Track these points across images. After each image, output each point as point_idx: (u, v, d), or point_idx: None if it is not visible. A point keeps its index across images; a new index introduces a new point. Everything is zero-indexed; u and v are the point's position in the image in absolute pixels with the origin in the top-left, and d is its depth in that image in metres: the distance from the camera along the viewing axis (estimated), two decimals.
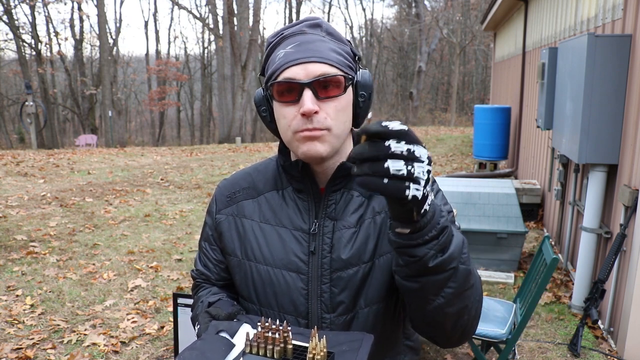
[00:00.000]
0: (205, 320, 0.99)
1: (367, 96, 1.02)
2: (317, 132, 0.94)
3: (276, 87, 0.97)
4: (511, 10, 8.59)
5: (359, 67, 1.04)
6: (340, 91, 0.97)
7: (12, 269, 4.24)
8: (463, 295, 0.85)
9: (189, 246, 4.98)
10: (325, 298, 1.01)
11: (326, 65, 0.95)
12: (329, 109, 0.95)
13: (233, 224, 1.10)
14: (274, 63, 0.99)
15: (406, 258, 0.79)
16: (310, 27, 1.01)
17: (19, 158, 10.01)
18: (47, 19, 24.84)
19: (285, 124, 0.97)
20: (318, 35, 1.00)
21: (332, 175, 1.03)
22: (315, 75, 0.94)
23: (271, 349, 0.85)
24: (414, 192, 0.68)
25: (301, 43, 0.97)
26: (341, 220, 1.03)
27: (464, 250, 0.84)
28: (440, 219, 0.78)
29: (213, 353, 0.86)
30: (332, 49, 0.98)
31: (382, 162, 0.67)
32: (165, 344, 3.16)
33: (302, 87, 0.94)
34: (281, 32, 1.02)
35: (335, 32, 1.03)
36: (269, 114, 1.03)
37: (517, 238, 4.26)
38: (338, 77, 0.96)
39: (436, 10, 27.33)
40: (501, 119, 7.98)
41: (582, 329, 3.10)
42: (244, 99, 19.09)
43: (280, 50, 0.99)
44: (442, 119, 28.14)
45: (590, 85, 3.20)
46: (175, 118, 31.59)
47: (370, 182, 0.67)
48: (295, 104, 0.95)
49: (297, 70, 0.94)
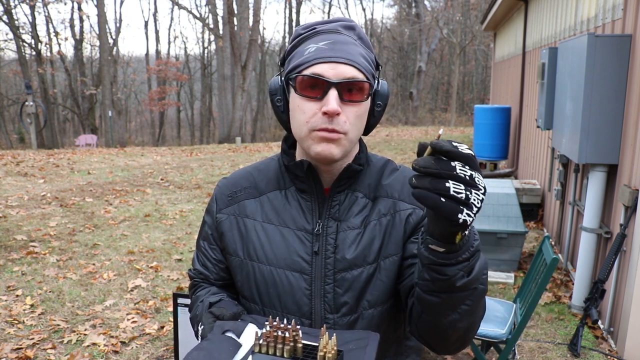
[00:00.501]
0: (209, 321, 0.98)
1: (383, 106, 1.03)
2: (335, 134, 0.94)
3: (301, 80, 0.95)
4: (511, 10, 8.59)
5: (379, 76, 1.05)
6: (363, 97, 0.97)
7: (12, 269, 4.24)
8: (476, 312, 0.87)
9: (189, 246, 4.98)
10: (328, 299, 1.01)
11: (355, 70, 0.95)
12: (349, 113, 0.95)
13: (235, 224, 1.09)
14: (301, 55, 0.97)
15: (434, 275, 0.79)
16: (345, 28, 1.01)
17: (19, 158, 10.01)
18: (47, 19, 24.84)
19: (303, 119, 0.96)
20: (351, 37, 0.99)
21: (338, 177, 1.03)
22: (345, 77, 0.94)
23: (281, 348, 0.85)
24: (465, 217, 0.68)
25: (335, 42, 0.96)
26: (345, 221, 1.03)
27: (485, 272, 0.85)
28: (474, 242, 0.78)
29: (220, 353, 0.86)
30: (362, 54, 0.98)
31: (444, 181, 0.67)
32: (165, 344, 3.16)
33: (329, 85, 0.93)
34: (314, 26, 1.01)
35: (366, 38, 1.03)
36: (284, 104, 1.02)
37: (517, 238, 4.26)
38: (364, 83, 0.96)
39: (436, 10, 27.33)
40: (501, 119, 7.98)
41: (582, 329, 3.10)
42: (244, 99, 19.09)
43: (311, 44, 0.97)
44: (442, 119, 28.13)
45: (590, 85, 3.20)
46: (175, 118, 31.59)
47: (427, 197, 0.67)
48: (317, 101, 0.95)
49: (326, 68, 0.94)
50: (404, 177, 1.08)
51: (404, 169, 1.11)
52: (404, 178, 1.08)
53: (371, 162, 1.10)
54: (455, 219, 0.68)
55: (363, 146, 1.09)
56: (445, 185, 0.67)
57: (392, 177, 1.08)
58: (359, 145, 1.08)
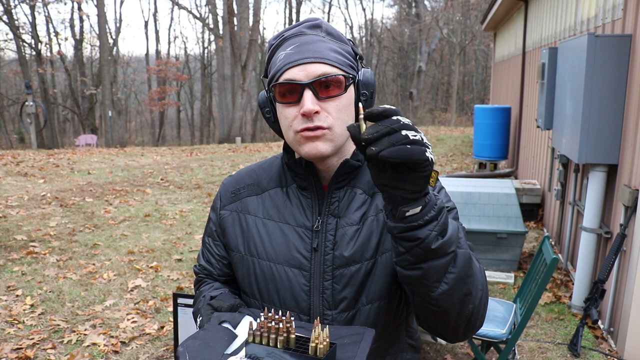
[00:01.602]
0: (207, 312, 1.00)
1: (369, 95, 1.03)
2: (318, 131, 0.96)
3: (278, 89, 0.98)
4: (511, 10, 8.59)
5: (361, 66, 1.05)
6: (341, 90, 0.98)
7: (12, 269, 4.24)
8: (465, 281, 0.86)
9: (189, 246, 4.98)
10: (327, 295, 1.02)
11: (326, 65, 0.96)
12: (330, 108, 0.97)
13: (237, 220, 1.11)
14: (275, 65, 1.00)
15: (408, 243, 0.80)
16: (309, 28, 1.02)
17: (19, 158, 10.01)
18: (47, 19, 24.81)
19: (287, 124, 0.99)
20: (318, 35, 1.01)
21: (335, 173, 1.04)
22: (316, 76, 0.95)
23: (274, 338, 0.86)
24: (430, 155, 0.74)
25: (301, 44, 0.98)
26: (344, 218, 1.04)
27: (460, 235, 0.87)
28: (437, 200, 0.81)
29: (216, 343, 0.87)
30: (332, 48, 0.99)
31: (399, 132, 0.72)
32: (165, 344, 3.16)
33: (302, 87, 0.95)
34: (282, 34, 1.03)
35: (336, 32, 1.03)
36: (273, 115, 1.05)
37: (517, 238, 4.26)
38: (338, 76, 0.97)
39: (436, 10, 27.34)
40: (501, 119, 7.98)
41: (582, 329, 3.10)
42: (244, 99, 19.09)
43: (280, 52, 1.00)
44: (442, 119, 28.13)
45: (590, 85, 3.20)
46: (175, 118, 31.59)
47: (397, 151, 0.71)
48: (296, 105, 0.97)
49: (297, 71, 0.95)
50: None
51: None
52: None
53: None
54: (425, 157, 0.73)
55: None
56: (402, 134, 0.72)
57: None
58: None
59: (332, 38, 1.02)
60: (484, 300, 0.93)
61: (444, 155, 11.17)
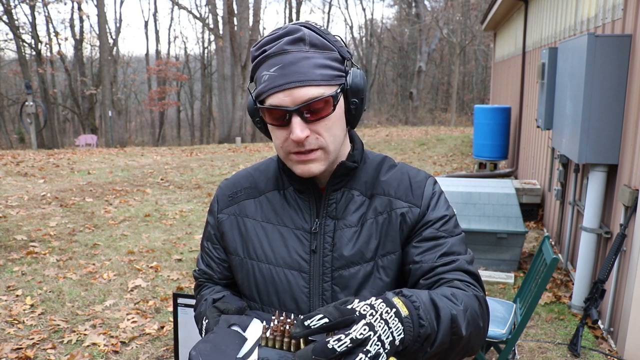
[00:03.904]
0: (214, 315, 0.98)
1: (359, 101, 1.00)
2: (310, 155, 0.96)
3: (265, 112, 0.96)
4: (511, 10, 8.59)
5: (350, 68, 1.00)
6: (329, 110, 0.95)
7: (12, 269, 4.24)
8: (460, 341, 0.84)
9: (189, 246, 4.98)
10: (326, 296, 1.02)
11: (312, 87, 0.92)
12: (320, 129, 0.95)
13: (235, 223, 1.10)
14: (260, 83, 0.96)
15: None
16: (291, 43, 0.94)
17: (19, 158, 10.01)
18: (47, 19, 24.83)
19: (278, 144, 0.98)
20: (301, 51, 0.93)
21: (331, 175, 1.04)
22: (302, 101, 0.92)
23: (288, 342, 0.85)
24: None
25: (284, 65, 0.92)
26: (342, 219, 1.04)
27: (454, 325, 0.81)
28: (420, 331, 0.75)
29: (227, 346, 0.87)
30: (317, 64, 0.93)
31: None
32: (165, 344, 3.16)
33: (289, 114, 0.93)
34: (263, 47, 0.96)
35: (320, 41, 0.96)
36: (263, 124, 1.03)
37: (517, 238, 4.26)
38: (325, 98, 0.93)
39: (436, 10, 27.35)
40: (501, 119, 7.98)
41: (582, 329, 3.10)
42: (244, 99, 19.09)
43: (264, 71, 0.94)
44: (442, 119, 28.13)
45: (590, 85, 3.20)
46: (175, 118, 31.59)
47: None
48: (285, 128, 0.95)
49: (282, 97, 0.92)
50: (402, 174, 1.08)
51: (402, 166, 1.11)
52: (402, 175, 1.08)
53: (367, 159, 1.10)
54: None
55: (358, 143, 1.08)
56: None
57: (389, 175, 1.08)
58: (354, 142, 1.08)
59: (317, 49, 0.95)
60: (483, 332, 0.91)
61: (444, 155, 11.17)
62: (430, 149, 12.20)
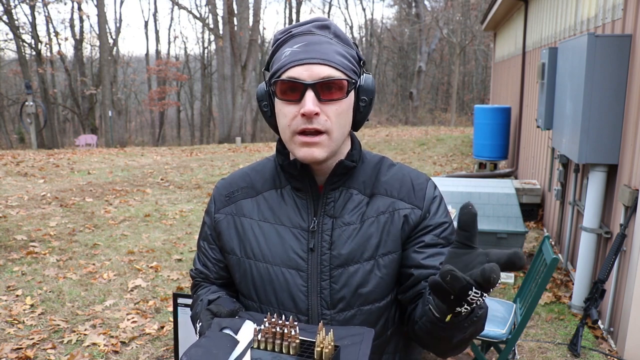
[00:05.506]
0: (207, 318, 0.99)
1: (369, 101, 1.03)
2: (316, 137, 0.96)
3: (279, 85, 0.97)
4: (511, 10, 8.59)
5: (363, 71, 1.04)
6: (343, 94, 0.97)
7: (12, 269, 4.24)
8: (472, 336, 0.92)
9: (189, 246, 4.98)
10: (325, 295, 1.02)
11: (331, 68, 0.96)
12: (329, 111, 0.96)
13: (232, 223, 1.11)
14: (279, 60, 0.99)
15: (436, 331, 0.87)
16: (318, 28, 1.01)
17: (19, 158, 10.00)
18: (47, 19, 24.80)
19: (285, 122, 0.98)
20: (326, 37, 1.00)
21: (330, 173, 1.04)
22: (319, 77, 0.95)
23: (279, 343, 0.86)
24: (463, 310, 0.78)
25: (308, 43, 0.97)
26: (341, 218, 1.04)
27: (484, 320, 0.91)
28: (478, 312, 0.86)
29: (219, 350, 0.87)
30: (338, 51, 0.99)
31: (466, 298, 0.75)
32: (165, 344, 3.16)
33: (305, 87, 0.95)
34: (289, 30, 1.02)
35: (343, 35, 1.03)
36: (270, 109, 1.04)
37: (517, 238, 4.26)
38: (342, 80, 0.97)
39: (436, 10, 27.34)
40: (501, 119, 7.98)
41: (582, 329, 3.10)
42: (244, 99, 19.09)
43: (287, 48, 0.99)
44: (442, 119, 28.12)
45: (590, 85, 3.20)
46: (175, 118, 31.58)
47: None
48: (296, 104, 0.96)
49: (301, 71, 0.95)
50: (403, 175, 1.09)
51: (401, 167, 1.12)
52: (403, 177, 1.09)
53: (365, 159, 1.11)
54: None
55: (356, 143, 1.09)
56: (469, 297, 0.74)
57: (390, 174, 1.09)
58: (352, 142, 1.09)
59: (340, 41, 1.01)
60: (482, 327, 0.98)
61: (444, 155, 11.17)
62: (430, 149, 12.20)
